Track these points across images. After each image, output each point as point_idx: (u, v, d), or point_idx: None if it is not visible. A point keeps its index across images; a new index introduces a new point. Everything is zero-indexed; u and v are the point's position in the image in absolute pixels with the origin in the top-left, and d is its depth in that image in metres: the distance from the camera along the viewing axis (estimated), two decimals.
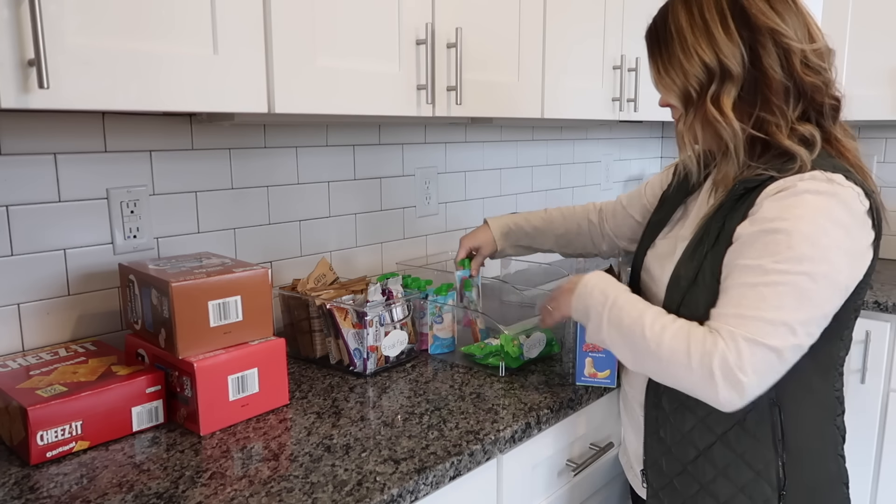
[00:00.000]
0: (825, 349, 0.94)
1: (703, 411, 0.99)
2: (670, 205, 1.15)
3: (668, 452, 1.05)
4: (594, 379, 1.19)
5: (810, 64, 0.93)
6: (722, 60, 0.92)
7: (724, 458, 0.99)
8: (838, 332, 0.95)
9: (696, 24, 0.94)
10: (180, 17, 0.93)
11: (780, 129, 0.92)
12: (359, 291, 1.34)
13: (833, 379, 1.00)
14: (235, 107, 1.01)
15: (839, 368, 1.01)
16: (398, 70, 1.23)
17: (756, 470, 0.97)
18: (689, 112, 0.97)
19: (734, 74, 0.92)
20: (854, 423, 1.90)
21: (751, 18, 0.92)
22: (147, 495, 0.86)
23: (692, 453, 1.01)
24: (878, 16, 2.07)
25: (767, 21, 0.91)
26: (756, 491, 0.97)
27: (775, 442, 0.96)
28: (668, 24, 0.97)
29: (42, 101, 0.81)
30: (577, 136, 2.33)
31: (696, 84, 0.95)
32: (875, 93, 2.08)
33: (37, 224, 1.15)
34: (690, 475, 1.02)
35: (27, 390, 0.97)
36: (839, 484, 1.01)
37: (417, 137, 1.77)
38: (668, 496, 1.06)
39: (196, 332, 1.04)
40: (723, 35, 0.92)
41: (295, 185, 1.51)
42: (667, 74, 0.98)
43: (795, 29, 0.93)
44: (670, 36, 0.97)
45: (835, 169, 0.89)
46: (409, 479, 0.90)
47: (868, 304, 1.85)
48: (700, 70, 0.94)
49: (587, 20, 1.68)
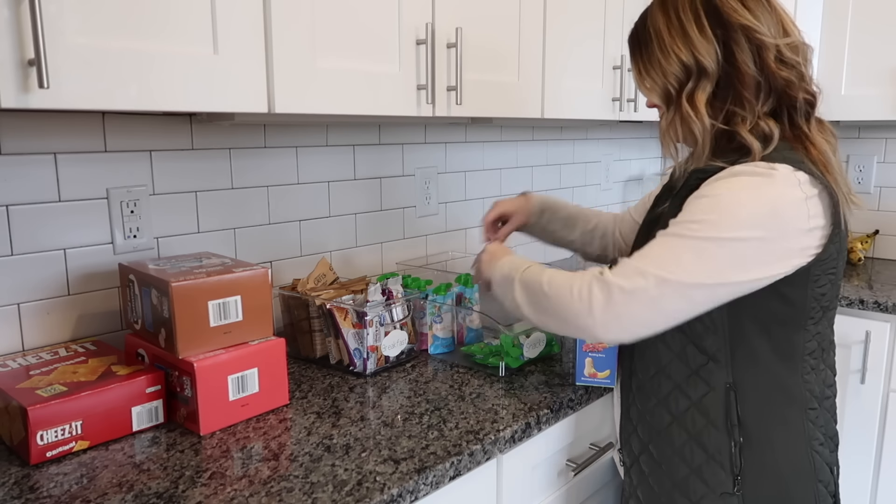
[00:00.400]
0: (783, 335, 0.96)
1: (664, 391, 1.02)
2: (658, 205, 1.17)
3: (634, 432, 1.09)
4: (594, 379, 1.19)
5: (784, 59, 0.96)
6: (697, 58, 0.96)
7: (680, 438, 1.01)
8: (798, 320, 0.96)
9: (673, 24, 0.98)
10: (180, 17, 0.93)
11: (744, 121, 0.96)
12: (359, 291, 1.35)
13: (801, 370, 0.98)
14: (235, 107, 1.01)
15: (809, 361, 0.99)
16: (398, 70, 1.23)
17: (709, 452, 0.99)
18: (670, 110, 1.01)
19: (709, 71, 0.96)
20: (854, 423, 1.92)
21: (723, 16, 0.95)
22: (147, 495, 0.86)
23: (653, 433, 1.05)
24: (878, 16, 2.07)
25: (740, 18, 0.94)
26: (709, 473, 0.99)
27: (728, 426, 0.97)
28: (647, 26, 1.01)
29: (42, 101, 0.81)
30: (577, 136, 2.33)
31: (675, 82, 0.98)
32: (875, 93, 2.08)
33: (37, 224, 1.15)
34: (651, 455, 1.05)
35: (27, 390, 0.97)
36: (811, 480, 0.99)
37: (417, 137, 1.77)
38: (636, 474, 1.09)
39: (196, 331, 1.04)
40: (697, 33, 0.96)
41: (295, 185, 1.51)
42: (647, 75, 1.02)
43: (768, 25, 0.95)
44: (649, 37, 1.00)
45: (784, 160, 0.91)
46: (409, 479, 0.90)
47: (868, 304, 1.85)
48: (678, 68, 0.97)
49: (587, 20, 1.68)
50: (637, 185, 2.69)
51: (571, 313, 0.95)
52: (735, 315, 0.96)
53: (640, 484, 1.08)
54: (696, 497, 0.99)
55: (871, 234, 2.39)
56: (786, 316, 0.95)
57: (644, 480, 1.07)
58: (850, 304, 1.88)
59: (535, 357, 1.33)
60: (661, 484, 1.03)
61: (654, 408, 1.04)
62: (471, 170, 1.94)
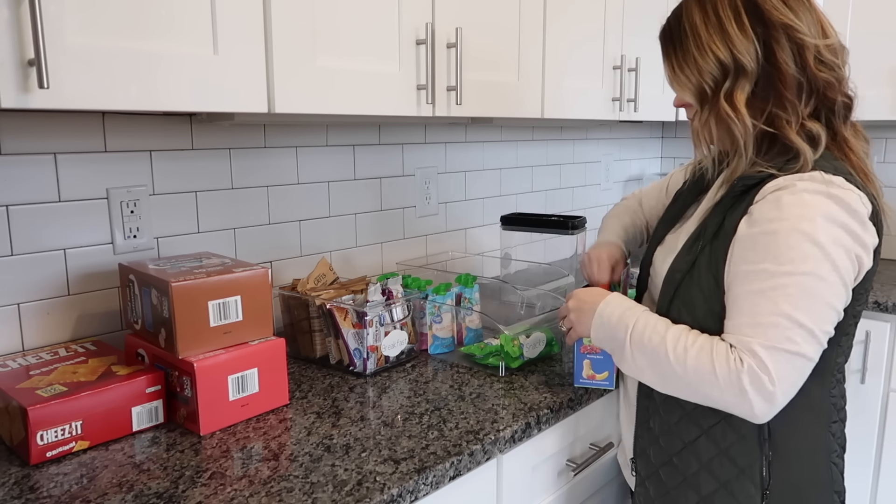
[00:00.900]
0: (823, 354, 0.94)
1: (691, 405, 0.99)
2: (683, 202, 1.15)
3: (655, 442, 1.06)
4: (592, 381, 1.19)
5: (824, 60, 0.93)
6: (736, 56, 0.92)
7: (708, 452, 0.99)
8: (836, 338, 0.95)
9: (710, 21, 0.94)
10: (180, 16, 0.93)
11: (790, 124, 0.92)
12: (359, 291, 1.34)
13: (829, 385, 0.99)
14: (235, 107, 1.01)
15: (836, 375, 1.00)
16: (398, 70, 1.23)
17: (740, 467, 0.97)
18: (705, 109, 0.97)
19: (748, 70, 0.92)
20: (854, 423, 1.91)
21: (764, 14, 0.92)
22: (147, 495, 0.86)
23: (678, 445, 1.02)
24: (878, 16, 2.07)
25: (781, 17, 0.91)
26: (738, 488, 0.97)
27: (760, 440, 0.96)
28: (682, 22, 0.97)
29: (42, 101, 0.81)
30: (577, 136, 2.33)
31: (710, 81, 0.95)
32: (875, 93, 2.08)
33: (37, 224, 1.15)
34: (675, 467, 1.03)
35: (27, 390, 0.97)
36: (829, 491, 1.00)
37: (417, 137, 1.77)
38: (654, 485, 1.07)
39: (196, 332, 1.04)
40: (737, 31, 0.92)
41: (295, 185, 1.51)
42: (682, 72, 0.98)
43: (809, 25, 0.93)
44: (684, 34, 0.97)
45: (836, 171, 0.89)
46: (409, 479, 0.90)
47: (868, 304, 1.85)
48: (714, 66, 0.94)
49: (587, 20, 1.68)
50: (637, 185, 2.69)
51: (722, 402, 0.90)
52: None
53: (661, 497, 1.05)
54: None
55: None
56: None
57: (665, 493, 1.05)
58: None
59: (535, 357, 1.33)
60: (686, 497, 1.01)
61: (681, 420, 1.01)
62: (471, 170, 1.94)
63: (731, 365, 0.87)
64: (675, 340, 0.93)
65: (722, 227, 0.95)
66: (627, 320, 0.99)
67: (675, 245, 1.05)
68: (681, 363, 0.91)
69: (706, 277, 0.95)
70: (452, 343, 1.41)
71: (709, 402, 0.92)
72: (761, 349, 0.85)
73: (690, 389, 0.92)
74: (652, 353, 0.94)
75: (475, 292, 1.46)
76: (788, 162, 0.92)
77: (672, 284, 0.99)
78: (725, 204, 0.97)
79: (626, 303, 1.03)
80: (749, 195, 0.93)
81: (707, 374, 0.89)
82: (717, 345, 0.90)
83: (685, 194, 1.16)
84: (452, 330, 1.41)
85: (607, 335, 1.02)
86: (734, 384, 0.87)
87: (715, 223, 0.97)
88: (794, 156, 0.91)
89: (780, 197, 0.88)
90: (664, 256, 1.07)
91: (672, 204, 1.18)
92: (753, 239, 0.89)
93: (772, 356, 0.85)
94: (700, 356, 0.90)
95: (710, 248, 0.96)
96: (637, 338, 0.96)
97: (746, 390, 0.86)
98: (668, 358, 0.92)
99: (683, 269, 0.99)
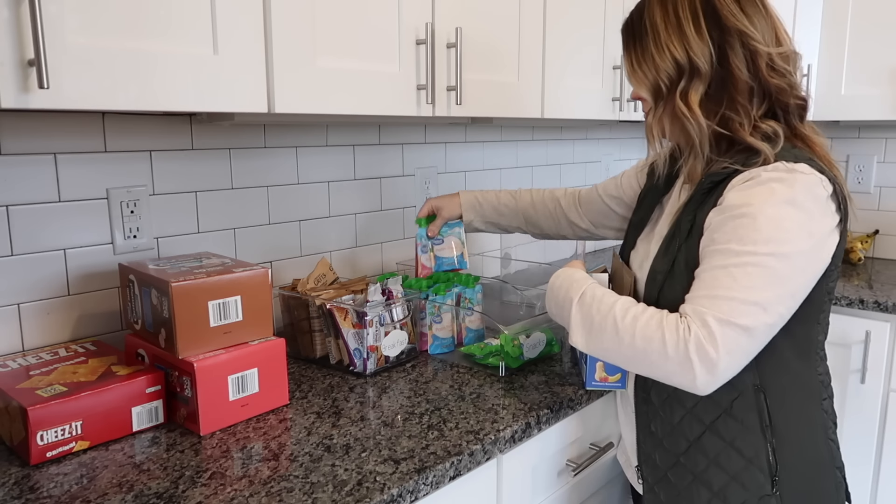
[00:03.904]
0: (803, 332, 0.98)
1: (691, 402, 1.01)
2: (648, 205, 1.18)
3: (659, 445, 1.06)
4: (605, 383, 1.16)
5: (776, 67, 0.97)
6: (692, 57, 0.96)
7: (715, 447, 1.00)
8: (814, 316, 0.98)
9: (670, 21, 0.97)
10: (180, 17, 0.93)
11: (742, 126, 0.96)
12: (359, 291, 1.35)
13: (815, 363, 1.02)
14: (235, 107, 1.01)
15: (819, 352, 1.03)
16: (398, 70, 1.23)
17: (747, 457, 0.98)
18: (659, 106, 1.01)
19: (702, 72, 0.96)
20: (854, 422, 1.92)
21: (721, 19, 0.95)
22: (147, 495, 0.86)
23: (683, 445, 1.03)
24: (878, 16, 2.07)
25: (737, 23, 0.95)
26: (749, 478, 0.98)
27: (763, 427, 0.98)
28: (644, 19, 1.01)
29: (42, 101, 0.81)
30: (577, 136, 2.33)
31: (666, 79, 0.98)
32: (875, 93, 2.09)
33: (37, 224, 1.15)
34: (683, 466, 1.03)
35: (27, 390, 0.97)
36: (831, 468, 1.02)
37: (417, 137, 1.77)
38: (664, 489, 1.06)
39: (196, 332, 1.04)
40: (694, 33, 0.96)
41: (295, 185, 1.51)
42: (639, 68, 1.01)
43: (763, 32, 0.96)
44: (645, 31, 1.00)
45: (797, 159, 0.93)
46: (409, 479, 0.90)
47: (868, 304, 1.85)
48: (671, 65, 0.97)
49: (587, 20, 1.68)
50: None
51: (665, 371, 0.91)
52: None
53: (672, 500, 1.05)
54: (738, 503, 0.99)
55: (871, 234, 2.39)
56: (805, 313, 0.95)
57: (676, 495, 1.04)
58: (850, 304, 1.88)
59: (535, 357, 1.33)
60: (699, 496, 1.01)
61: (683, 419, 1.02)
62: (471, 170, 1.94)
63: (679, 333, 0.89)
64: (623, 311, 0.95)
65: (694, 224, 0.98)
66: (578, 288, 1.01)
67: (649, 248, 1.08)
68: (629, 332, 0.93)
69: (687, 275, 0.96)
70: (452, 343, 1.41)
71: (653, 372, 0.93)
72: (713, 321, 0.87)
73: (637, 358, 0.93)
74: (600, 320, 0.96)
75: (477, 293, 1.46)
76: (750, 157, 0.95)
77: (655, 286, 1.01)
78: (696, 201, 1.00)
79: (578, 273, 1.05)
80: (717, 190, 0.97)
81: (656, 342, 0.90)
82: (667, 315, 0.92)
83: (648, 198, 1.18)
84: (452, 330, 1.41)
85: (556, 303, 1.05)
86: (680, 352, 0.88)
87: (688, 221, 0.99)
88: (755, 152, 0.95)
89: (748, 187, 0.92)
90: (640, 261, 1.10)
91: (637, 210, 1.21)
92: (723, 223, 0.92)
93: (721, 328, 0.87)
94: (649, 324, 0.92)
95: (686, 247, 0.98)
96: (586, 305, 0.99)
97: (692, 359, 0.88)
98: (616, 327, 0.94)
99: (664, 269, 1.00)
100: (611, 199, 1.38)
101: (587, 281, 1.03)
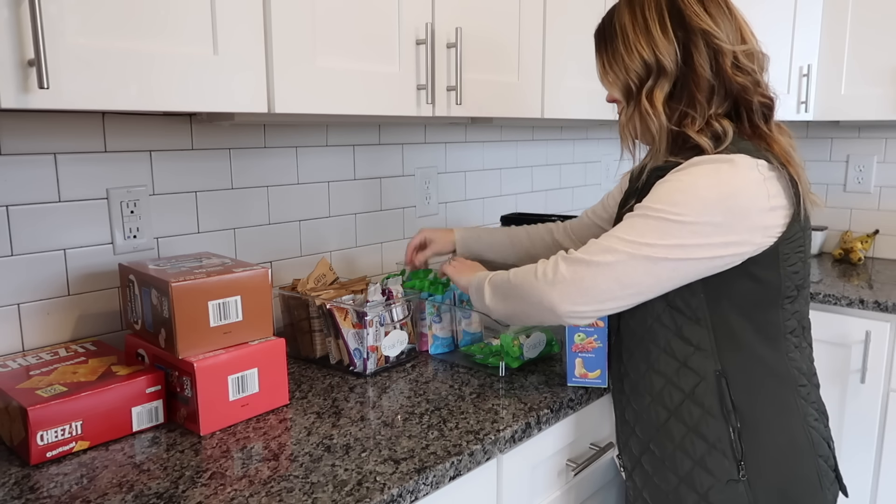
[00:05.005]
0: (763, 317, 0.98)
1: (657, 389, 1.03)
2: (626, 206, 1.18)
3: (633, 433, 1.09)
4: (585, 379, 1.19)
5: (740, 65, 0.99)
6: (658, 57, 0.99)
7: (679, 431, 1.01)
8: (774, 300, 0.98)
9: (638, 22, 1.01)
10: (180, 17, 0.93)
11: (693, 122, 0.99)
12: (359, 291, 1.35)
13: (785, 349, 1.00)
14: (235, 107, 1.01)
15: (791, 339, 1.01)
16: (398, 70, 1.23)
17: (710, 442, 0.99)
18: (630, 105, 1.05)
19: (668, 71, 0.99)
20: (854, 422, 1.92)
21: (685, 19, 0.99)
22: (147, 495, 0.86)
23: (652, 431, 1.05)
24: (878, 15, 2.07)
25: (700, 22, 0.98)
26: (713, 463, 0.99)
27: (724, 413, 0.98)
28: (614, 22, 1.05)
29: (42, 101, 0.81)
30: (577, 136, 2.33)
31: (635, 78, 1.02)
32: (875, 93, 2.08)
33: (37, 224, 1.15)
34: (653, 453, 1.05)
35: (27, 390, 0.97)
36: (811, 456, 1.00)
37: (417, 137, 1.77)
38: (639, 475, 1.09)
39: (196, 332, 1.04)
40: (660, 33, 0.99)
41: (295, 185, 1.51)
42: (610, 69, 1.06)
43: (727, 32, 1.00)
44: (615, 33, 1.04)
45: (739, 151, 0.94)
46: (409, 479, 0.90)
47: (868, 304, 1.85)
48: (639, 65, 1.01)
49: (587, 20, 1.67)
50: None
51: (536, 293, 0.99)
52: (713, 302, 0.98)
53: (646, 485, 1.08)
54: (704, 488, 0.99)
55: (871, 234, 2.39)
56: (762, 297, 0.97)
57: (649, 481, 1.07)
58: (850, 304, 1.88)
59: (535, 357, 1.33)
60: (667, 481, 1.03)
61: (650, 405, 1.04)
62: (471, 170, 1.94)
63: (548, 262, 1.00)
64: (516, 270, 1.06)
65: None
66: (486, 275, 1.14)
67: None
68: (517, 275, 1.04)
69: None
70: (452, 343, 1.41)
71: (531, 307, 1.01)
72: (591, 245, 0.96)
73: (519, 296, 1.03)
74: (501, 281, 1.07)
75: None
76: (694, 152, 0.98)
77: None
78: (642, 193, 1.02)
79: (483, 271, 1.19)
80: None
81: (529, 274, 1.01)
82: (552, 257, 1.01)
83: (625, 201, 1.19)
84: (453, 330, 1.41)
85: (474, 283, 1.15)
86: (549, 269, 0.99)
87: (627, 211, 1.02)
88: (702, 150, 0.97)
89: (681, 168, 0.96)
90: None
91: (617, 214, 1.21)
92: (654, 190, 0.97)
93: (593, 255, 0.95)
94: (532, 265, 1.03)
95: None
96: (495, 278, 1.10)
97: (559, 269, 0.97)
98: (507, 280, 1.06)
99: None
100: (599, 219, 1.42)
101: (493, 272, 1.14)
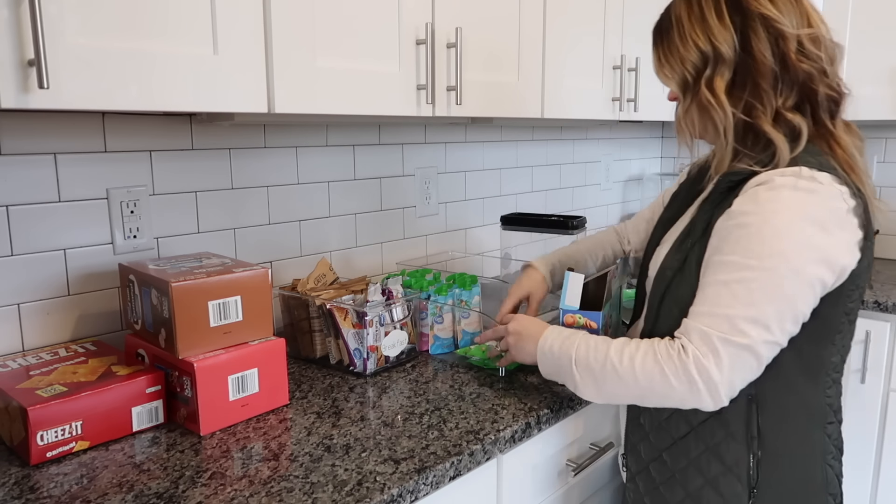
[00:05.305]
0: (813, 351, 0.95)
1: None
2: (680, 203, 1.16)
3: (645, 438, 1.07)
4: None
5: (805, 51, 0.94)
6: (715, 45, 0.94)
7: (697, 448, 1.00)
8: (827, 335, 0.95)
9: (694, 12, 0.98)
10: (180, 17, 0.93)
11: (764, 114, 0.93)
12: (359, 291, 1.34)
13: (825, 385, 0.98)
14: (235, 107, 1.01)
15: (832, 375, 0.99)
16: (398, 70, 1.23)
17: (726, 464, 0.98)
18: (687, 98, 1.00)
19: (726, 58, 0.94)
20: (854, 423, 1.91)
21: (742, 3, 0.95)
22: (147, 495, 0.86)
23: (667, 441, 1.03)
24: (879, 15, 2.07)
25: (759, 7, 0.94)
26: (725, 485, 0.98)
27: (748, 439, 0.97)
28: (670, 15, 1.01)
29: (42, 101, 0.81)
30: (577, 136, 2.33)
31: (692, 69, 0.97)
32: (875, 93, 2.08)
33: (37, 224, 1.15)
34: (664, 463, 1.04)
35: (27, 390, 0.97)
36: (823, 494, 0.99)
37: (417, 137, 1.77)
38: (643, 480, 1.08)
39: (196, 332, 1.04)
40: (716, 20, 0.95)
41: (295, 185, 1.51)
42: (666, 62, 1.01)
43: (790, 15, 0.94)
44: (670, 25, 1.00)
45: (821, 167, 0.89)
46: (409, 479, 0.90)
47: (868, 304, 1.85)
48: (696, 55, 0.96)
49: (587, 20, 1.68)
50: (637, 185, 2.69)
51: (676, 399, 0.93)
52: None
53: (650, 493, 1.06)
54: None
55: None
56: (817, 332, 0.93)
57: (654, 489, 1.05)
58: None
59: None
60: (674, 493, 1.02)
61: (671, 416, 1.02)
62: (471, 170, 1.94)
63: (676, 362, 0.90)
64: (618, 354, 0.96)
65: (709, 224, 0.97)
66: (569, 349, 1.02)
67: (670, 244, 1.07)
68: (630, 374, 0.94)
69: (696, 275, 0.95)
70: (453, 343, 1.41)
71: (666, 402, 0.95)
72: (716, 339, 0.88)
73: (647, 396, 0.95)
74: (600, 372, 0.98)
75: (475, 295, 1.46)
76: (767, 153, 0.93)
77: (663, 282, 1.00)
78: (713, 201, 0.98)
79: (564, 332, 1.07)
80: (735, 192, 0.94)
81: (657, 377, 0.92)
82: (658, 346, 0.93)
83: (682, 195, 1.17)
84: (453, 330, 1.41)
85: (554, 368, 1.06)
86: (682, 379, 0.90)
87: (703, 220, 0.98)
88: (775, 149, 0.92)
89: (757, 192, 0.90)
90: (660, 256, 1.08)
91: (669, 206, 1.19)
92: (728, 230, 0.91)
93: (723, 347, 0.88)
94: (645, 362, 0.93)
95: (699, 246, 0.97)
96: (583, 363, 1.00)
97: (695, 381, 0.89)
98: (617, 372, 0.96)
99: (674, 266, 0.99)
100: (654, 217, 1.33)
101: (574, 336, 1.04)
